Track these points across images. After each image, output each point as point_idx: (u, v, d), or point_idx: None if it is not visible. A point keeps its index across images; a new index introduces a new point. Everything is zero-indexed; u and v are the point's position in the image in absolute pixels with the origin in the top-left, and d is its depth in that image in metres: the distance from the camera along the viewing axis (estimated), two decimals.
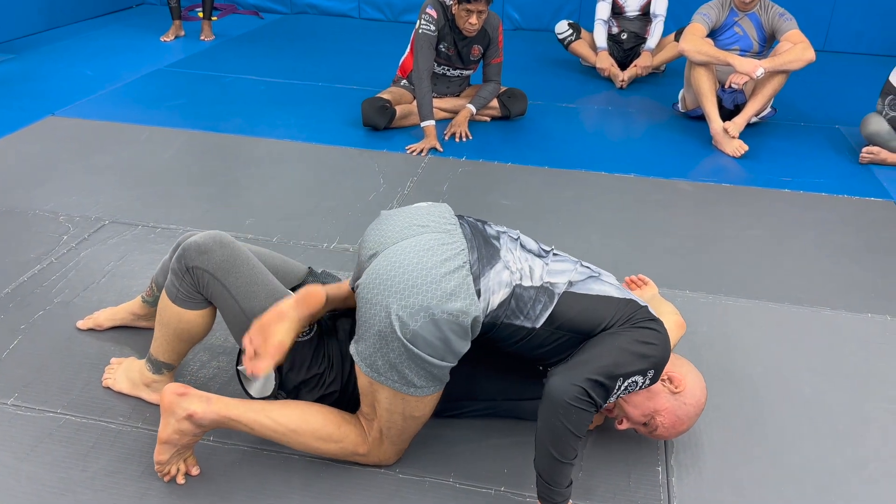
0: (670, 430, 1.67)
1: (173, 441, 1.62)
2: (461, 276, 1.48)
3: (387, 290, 1.47)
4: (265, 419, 1.62)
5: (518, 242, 1.64)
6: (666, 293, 2.49)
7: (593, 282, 1.61)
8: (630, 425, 1.69)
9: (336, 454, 1.69)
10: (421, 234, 1.53)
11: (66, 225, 2.82)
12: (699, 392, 1.67)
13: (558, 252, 1.70)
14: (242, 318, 1.71)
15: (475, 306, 1.47)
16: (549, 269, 1.60)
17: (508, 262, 1.55)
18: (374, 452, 1.70)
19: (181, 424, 1.59)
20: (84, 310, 2.28)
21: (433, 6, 3.72)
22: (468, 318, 1.47)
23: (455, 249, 1.52)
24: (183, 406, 1.58)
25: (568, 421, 1.43)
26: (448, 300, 1.45)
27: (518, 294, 1.52)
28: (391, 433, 1.66)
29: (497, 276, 1.52)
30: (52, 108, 4.11)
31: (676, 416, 1.64)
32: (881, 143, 3.71)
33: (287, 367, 1.72)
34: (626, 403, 1.65)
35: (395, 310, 1.45)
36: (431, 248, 1.50)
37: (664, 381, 1.63)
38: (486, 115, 4.15)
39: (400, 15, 6.74)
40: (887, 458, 1.86)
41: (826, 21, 6.10)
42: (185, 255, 1.72)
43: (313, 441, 1.65)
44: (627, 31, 5.06)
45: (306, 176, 3.38)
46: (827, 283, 2.64)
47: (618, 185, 3.42)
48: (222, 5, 6.84)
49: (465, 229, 1.59)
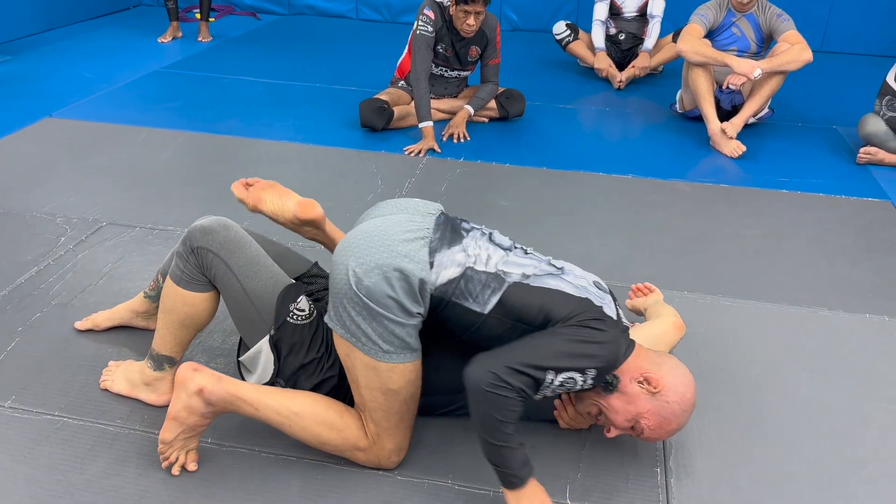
0: (658, 431, 1.62)
1: (181, 418, 1.64)
2: (417, 245, 1.58)
3: (349, 251, 1.57)
4: (271, 401, 1.65)
5: (487, 236, 1.70)
6: (664, 293, 2.49)
7: (551, 278, 1.63)
8: (618, 431, 1.66)
9: (337, 445, 1.69)
10: (396, 215, 1.66)
11: (63, 226, 2.81)
12: (682, 388, 1.60)
13: (532, 252, 1.72)
14: (244, 299, 1.75)
15: (424, 271, 1.55)
16: (507, 260, 1.64)
17: (468, 248, 1.62)
18: (373, 449, 1.70)
19: (191, 400, 1.62)
20: (82, 311, 2.28)
21: (431, 7, 3.72)
22: (416, 279, 1.54)
23: (421, 227, 1.62)
24: (195, 381, 1.61)
25: (489, 407, 1.47)
26: (400, 259, 1.54)
27: (469, 276, 1.58)
28: (377, 415, 1.65)
29: (452, 256, 1.60)
30: (50, 110, 4.10)
31: (661, 416, 1.60)
32: (879, 143, 3.72)
33: (286, 352, 1.74)
34: (608, 410, 1.62)
35: (352, 266, 1.55)
36: (399, 223, 1.62)
37: (641, 382, 1.59)
38: (484, 116, 4.15)
39: (398, 16, 6.75)
40: (886, 459, 1.86)
41: (823, 21, 6.11)
42: (191, 237, 1.77)
43: (315, 426, 1.66)
44: (625, 32, 5.06)
45: (304, 177, 3.38)
46: (825, 284, 2.64)
47: (616, 185, 3.42)
48: (220, 6, 6.84)
49: (440, 218, 1.68)
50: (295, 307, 1.75)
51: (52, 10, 5.98)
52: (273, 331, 1.75)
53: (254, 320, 1.77)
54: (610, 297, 1.69)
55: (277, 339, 1.75)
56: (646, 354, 1.64)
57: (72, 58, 5.21)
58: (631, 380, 1.59)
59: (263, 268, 1.78)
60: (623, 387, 1.60)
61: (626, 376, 1.60)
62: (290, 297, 1.76)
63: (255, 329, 1.78)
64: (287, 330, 1.74)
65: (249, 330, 1.79)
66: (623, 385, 1.60)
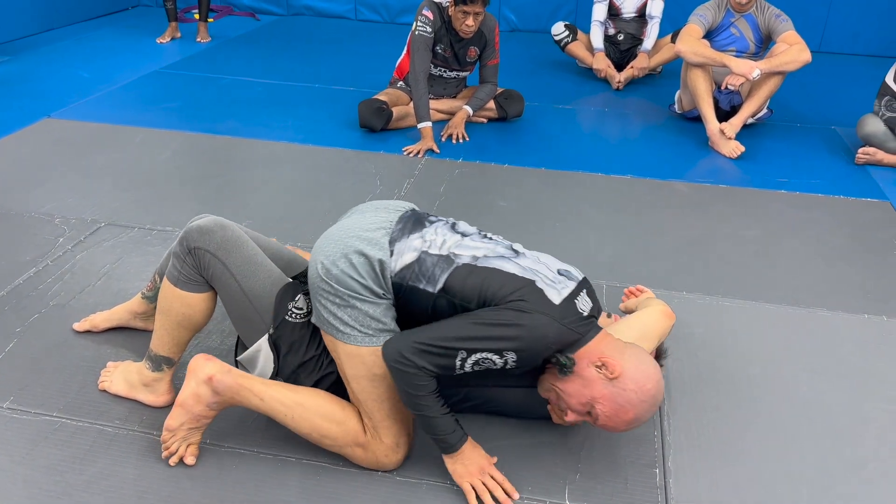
0: (614, 419, 1.59)
1: (188, 405, 1.67)
2: (379, 234, 1.67)
3: (318, 250, 1.68)
4: (276, 392, 1.69)
5: (450, 225, 1.76)
6: (663, 294, 2.49)
7: (500, 260, 1.65)
8: (574, 417, 1.64)
9: (338, 438, 1.69)
10: (364, 214, 1.75)
11: (61, 227, 2.81)
12: (642, 378, 1.56)
13: (495, 238, 1.75)
14: (242, 298, 1.76)
15: (385, 255, 1.64)
16: (461, 244, 1.69)
17: (425, 235, 1.69)
18: (372, 445, 1.70)
19: (200, 388, 1.66)
20: (80, 312, 2.27)
21: (430, 8, 3.72)
22: (375, 260, 1.63)
23: (385, 220, 1.71)
24: (206, 369, 1.66)
25: (398, 381, 1.59)
26: (361, 244, 1.64)
27: (422, 259, 1.65)
28: (368, 405, 1.67)
29: (410, 243, 1.67)
30: (49, 110, 4.10)
31: (616, 403, 1.56)
32: (877, 143, 3.72)
33: (285, 350, 1.75)
34: (562, 393, 1.62)
35: (320, 260, 1.65)
36: (365, 219, 1.71)
37: (599, 367, 1.58)
38: (482, 117, 4.15)
39: (396, 16, 6.75)
40: (885, 459, 1.86)
41: (822, 22, 6.11)
42: (188, 237, 1.78)
43: (317, 417, 1.68)
44: (624, 33, 5.06)
45: (303, 178, 3.38)
46: (823, 284, 2.64)
47: (614, 186, 3.42)
48: (218, 7, 6.84)
49: (407, 213, 1.76)
50: (293, 306, 1.76)
51: (50, 11, 5.98)
52: (272, 329, 1.76)
53: (252, 319, 1.77)
54: (575, 286, 1.65)
55: (276, 337, 1.76)
56: (610, 341, 1.63)
57: (70, 58, 5.21)
58: (589, 363, 1.58)
59: (261, 267, 1.79)
60: (580, 370, 1.59)
61: (585, 360, 1.59)
62: (288, 296, 1.77)
63: (254, 328, 1.78)
64: (286, 328, 1.75)
65: (248, 329, 1.79)
66: (580, 368, 1.59)
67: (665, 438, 1.89)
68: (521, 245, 1.77)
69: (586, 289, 1.69)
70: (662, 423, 1.94)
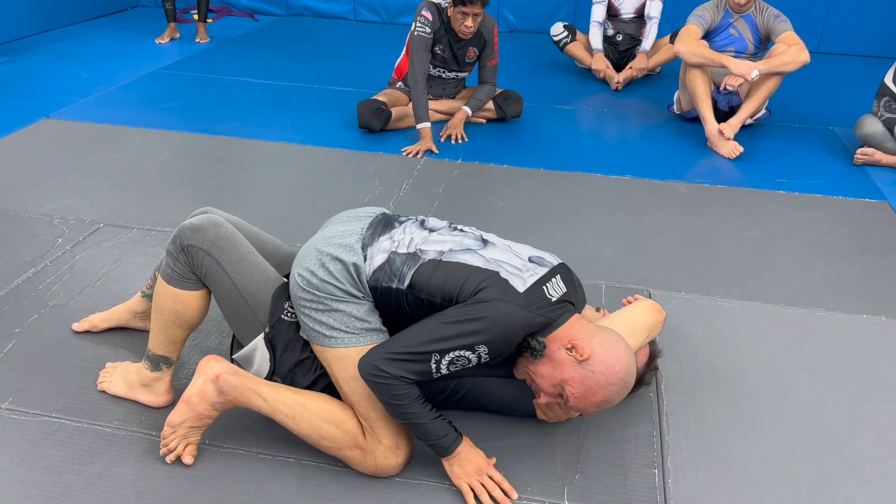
0: (583, 401, 1.61)
1: (192, 402, 1.69)
2: (352, 241, 1.72)
3: (296, 263, 1.73)
4: (279, 394, 1.70)
5: (419, 223, 1.80)
6: (661, 295, 2.50)
7: (465, 253, 1.69)
8: (547, 398, 1.67)
9: (337, 439, 1.69)
10: (336, 225, 1.79)
11: (60, 228, 2.81)
12: (611, 360, 1.58)
13: (466, 229, 1.80)
14: (236, 296, 1.76)
15: (359, 259, 1.68)
16: (428, 239, 1.73)
17: (394, 235, 1.74)
18: (371, 446, 1.69)
19: (206, 386, 1.68)
20: (79, 313, 2.27)
21: (429, 8, 3.72)
22: (350, 264, 1.67)
23: (356, 228, 1.75)
24: (214, 368, 1.69)
25: (379, 393, 1.60)
26: (336, 251, 1.69)
27: (392, 259, 1.69)
28: (362, 406, 1.67)
29: (380, 245, 1.71)
30: (47, 111, 4.10)
31: (585, 385, 1.59)
32: (876, 144, 3.72)
33: (281, 349, 1.75)
34: (535, 375, 1.66)
35: (297, 271, 1.70)
36: (336, 228, 1.76)
37: (568, 349, 1.60)
38: (481, 118, 4.15)
39: (395, 17, 6.75)
40: (884, 459, 1.86)
41: (821, 22, 6.11)
42: (181, 236, 1.78)
43: (317, 419, 1.68)
44: (623, 33, 5.06)
45: (302, 178, 3.38)
46: (822, 285, 2.65)
47: (613, 186, 3.42)
48: (217, 7, 6.84)
49: (377, 218, 1.81)
50: (289, 305, 1.76)
51: (49, 11, 5.98)
52: (268, 328, 1.76)
53: (246, 317, 1.77)
54: (546, 272, 1.68)
55: (272, 336, 1.76)
56: (582, 325, 1.64)
57: (69, 59, 5.20)
58: (560, 346, 1.61)
59: (254, 264, 1.79)
60: (551, 353, 1.62)
61: (556, 343, 1.62)
62: (284, 295, 1.78)
63: (248, 326, 1.78)
64: (282, 327, 1.75)
65: (242, 327, 1.79)
66: (551, 351, 1.62)
67: (664, 438, 1.89)
68: (494, 235, 1.79)
69: (560, 273, 1.71)
70: (661, 423, 1.94)
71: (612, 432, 1.89)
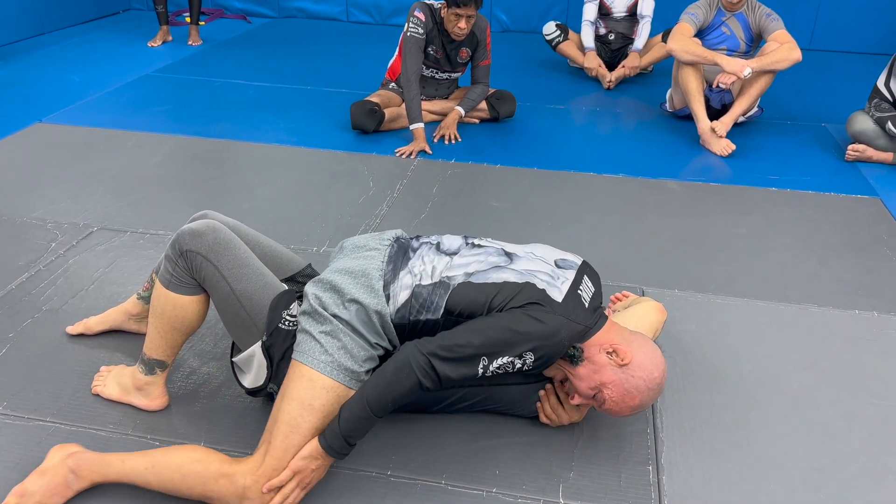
0: (619, 404, 1.65)
1: (48, 474, 1.64)
2: (373, 282, 1.68)
3: (317, 287, 1.70)
4: (135, 454, 1.65)
5: (434, 247, 1.80)
6: (655, 292, 2.51)
7: (495, 271, 1.70)
8: (581, 400, 1.70)
9: (200, 472, 1.59)
10: (352, 257, 1.76)
11: (54, 232, 2.81)
12: (650, 366, 1.63)
13: (482, 244, 1.80)
14: (234, 301, 1.75)
15: (382, 305, 1.66)
16: (451, 264, 1.73)
17: (413, 268, 1.73)
18: (241, 469, 1.59)
19: (62, 462, 1.65)
20: (73, 317, 2.27)
21: (421, 9, 3.73)
22: (373, 313, 1.65)
23: (375, 266, 1.72)
24: (68, 448, 1.69)
25: (404, 383, 1.55)
26: (359, 294, 1.66)
27: (417, 293, 1.68)
28: (281, 427, 1.58)
29: (401, 282, 1.70)
30: (40, 115, 4.09)
31: (624, 388, 1.63)
32: (867, 140, 3.74)
33: (278, 358, 1.74)
34: (573, 377, 1.68)
35: (315, 293, 1.68)
36: (356, 263, 1.73)
37: (610, 353, 1.64)
38: (474, 118, 4.15)
39: (388, 18, 6.75)
40: (876, 454, 1.87)
41: (812, 20, 6.14)
42: (179, 240, 1.77)
43: (180, 459, 1.62)
44: (615, 32, 5.08)
45: (295, 180, 3.38)
46: (814, 280, 2.66)
47: (606, 185, 3.43)
48: (210, 10, 6.84)
49: (393, 249, 1.78)
50: (287, 314, 1.74)
51: (41, 15, 5.97)
52: (265, 337, 1.75)
53: (244, 322, 1.77)
54: (575, 274, 1.73)
55: (269, 345, 1.75)
56: (618, 330, 1.70)
57: (61, 62, 5.19)
58: (600, 350, 1.65)
59: (252, 270, 1.78)
60: (591, 356, 1.65)
61: (595, 347, 1.65)
62: (282, 304, 1.76)
63: (247, 331, 1.78)
64: (279, 336, 1.74)
65: (240, 332, 1.79)
66: (591, 354, 1.65)
67: (658, 435, 1.90)
68: (513, 245, 1.79)
69: (587, 273, 1.76)
70: (655, 420, 1.95)
71: (606, 430, 1.90)
